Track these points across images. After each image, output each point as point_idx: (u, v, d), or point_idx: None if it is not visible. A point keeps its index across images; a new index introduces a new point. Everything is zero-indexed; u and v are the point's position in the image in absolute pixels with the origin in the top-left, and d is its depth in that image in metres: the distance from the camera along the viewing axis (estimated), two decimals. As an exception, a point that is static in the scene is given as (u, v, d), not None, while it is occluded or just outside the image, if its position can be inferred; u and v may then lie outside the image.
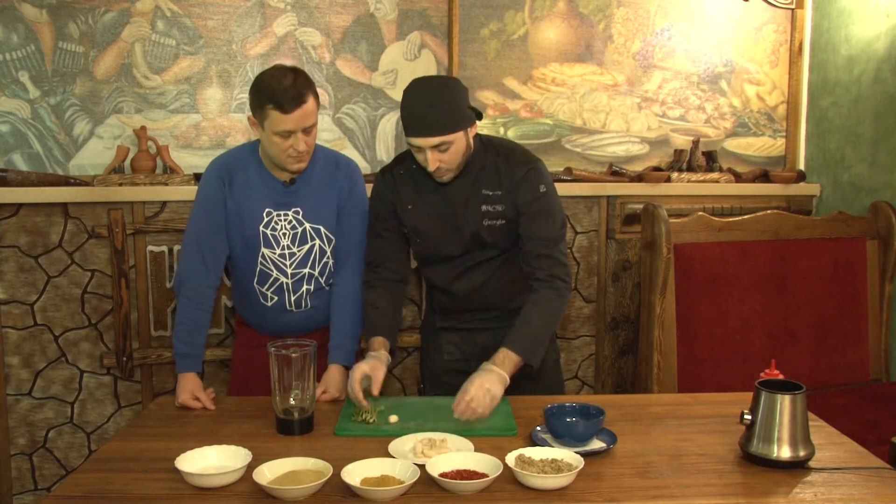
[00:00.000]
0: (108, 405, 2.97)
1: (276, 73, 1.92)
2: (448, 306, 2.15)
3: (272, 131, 1.93)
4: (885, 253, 3.04)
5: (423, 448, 1.61)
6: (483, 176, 2.00)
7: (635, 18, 3.40)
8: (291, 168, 2.01)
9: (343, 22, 3.15)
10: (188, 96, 3.06)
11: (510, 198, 1.98)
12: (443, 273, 2.09)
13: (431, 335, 2.24)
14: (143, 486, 1.51)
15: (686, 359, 2.84)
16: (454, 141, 1.87)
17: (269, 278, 2.11)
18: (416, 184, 2.04)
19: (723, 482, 1.52)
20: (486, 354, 2.08)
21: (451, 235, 2.03)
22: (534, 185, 1.98)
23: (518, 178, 1.97)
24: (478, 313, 2.13)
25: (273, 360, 1.77)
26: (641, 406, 1.98)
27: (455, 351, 2.17)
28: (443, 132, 1.84)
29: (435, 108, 1.84)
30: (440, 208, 2.02)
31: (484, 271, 2.07)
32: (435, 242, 2.05)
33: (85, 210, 2.86)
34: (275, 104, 1.88)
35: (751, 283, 2.89)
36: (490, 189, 1.99)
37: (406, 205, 2.05)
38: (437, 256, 2.07)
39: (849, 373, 3.00)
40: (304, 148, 1.96)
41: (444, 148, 1.87)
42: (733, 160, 3.52)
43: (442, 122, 1.84)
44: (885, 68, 3.00)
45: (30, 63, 2.91)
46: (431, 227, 2.03)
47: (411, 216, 2.05)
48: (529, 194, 1.97)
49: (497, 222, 2.00)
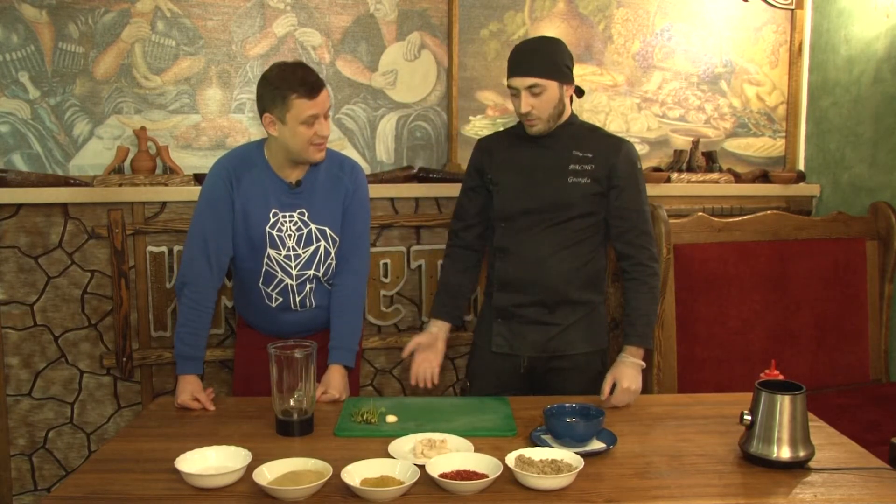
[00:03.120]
0: (107, 406, 2.97)
1: (287, 67, 1.97)
2: (509, 275, 2.14)
3: (298, 121, 1.94)
4: (885, 253, 3.04)
5: (423, 448, 1.62)
6: (574, 141, 2.10)
7: (635, 19, 3.40)
8: (315, 158, 2.03)
9: (343, 22, 3.15)
10: (188, 97, 3.06)
11: (602, 162, 2.08)
12: (515, 231, 2.12)
13: (485, 327, 2.24)
14: (142, 486, 1.51)
15: (686, 359, 2.84)
16: (547, 88, 2.01)
17: (274, 279, 2.11)
18: (510, 142, 2.18)
19: (723, 482, 1.52)
20: (536, 352, 2.15)
21: (531, 188, 2.09)
22: (631, 157, 2.11)
23: (614, 147, 2.10)
24: (534, 294, 2.12)
25: (273, 361, 1.77)
26: (641, 406, 1.98)
27: (504, 344, 2.17)
28: (539, 75, 1.99)
29: (537, 54, 2.02)
30: (527, 162, 2.12)
31: (555, 241, 2.10)
32: (516, 194, 2.11)
33: (85, 210, 2.86)
34: (299, 92, 1.92)
35: (751, 284, 2.89)
36: (580, 151, 2.09)
37: (496, 158, 2.16)
38: (516, 210, 2.12)
39: (849, 373, 3.00)
40: (328, 132, 2.01)
41: (537, 91, 2.00)
42: (733, 160, 3.53)
43: (538, 67, 2.00)
44: (884, 68, 3.00)
45: (30, 63, 2.91)
46: (514, 178, 2.12)
47: (497, 167, 2.15)
48: (627, 165, 2.09)
49: (582, 180, 2.07)
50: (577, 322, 2.14)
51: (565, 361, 2.15)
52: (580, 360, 2.15)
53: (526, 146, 2.13)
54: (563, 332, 2.13)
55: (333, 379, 2.05)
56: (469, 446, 1.65)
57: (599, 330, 2.19)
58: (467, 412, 1.90)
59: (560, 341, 2.13)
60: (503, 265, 2.15)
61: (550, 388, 2.16)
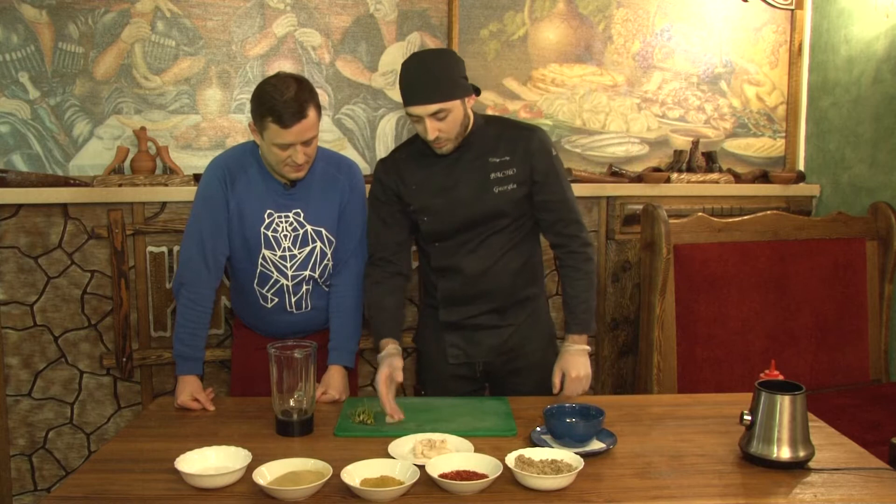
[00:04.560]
0: (107, 406, 2.97)
1: (278, 84, 1.89)
2: (455, 292, 2.10)
3: (271, 142, 1.92)
4: (885, 253, 3.04)
5: (423, 449, 1.61)
6: (486, 147, 2.03)
7: (635, 19, 3.40)
8: (289, 177, 2.01)
9: (343, 23, 3.15)
10: (188, 97, 3.06)
11: (520, 162, 2.01)
12: (453, 250, 2.07)
13: (432, 337, 2.20)
14: (142, 486, 1.51)
15: (686, 359, 2.84)
16: (452, 109, 1.90)
17: (269, 280, 2.11)
18: (419, 163, 2.06)
19: (722, 483, 1.52)
20: (493, 357, 2.12)
21: (460, 208, 2.03)
22: (546, 147, 2.05)
23: (528, 143, 2.02)
24: (484, 303, 2.09)
25: (273, 362, 1.76)
26: (641, 407, 1.98)
27: (460, 354, 2.14)
28: (440, 99, 1.88)
29: (431, 77, 1.89)
30: (446, 182, 2.03)
31: (494, 250, 2.06)
32: (444, 217, 2.04)
33: (85, 211, 2.86)
34: (274, 117, 1.87)
35: (750, 284, 2.89)
36: (497, 157, 2.02)
37: (410, 185, 2.06)
38: (448, 231, 2.06)
39: (849, 373, 3.00)
40: (303, 160, 1.95)
41: (441, 116, 1.90)
42: (733, 161, 3.53)
43: (439, 90, 1.88)
44: (884, 69, 3.00)
45: (29, 64, 2.91)
46: (438, 202, 2.04)
47: (417, 195, 2.06)
48: (544, 158, 2.03)
49: (508, 187, 2.02)
50: (527, 318, 2.15)
51: (520, 361, 2.15)
52: (536, 355, 2.16)
53: (438, 165, 2.03)
54: (516, 331, 2.13)
55: (333, 379, 2.05)
56: (469, 446, 1.65)
57: (546, 319, 2.22)
58: (467, 412, 1.90)
59: (515, 340, 2.13)
60: (447, 284, 2.10)
61: (508, 387, 2.16)
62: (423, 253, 2.16)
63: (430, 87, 1.88)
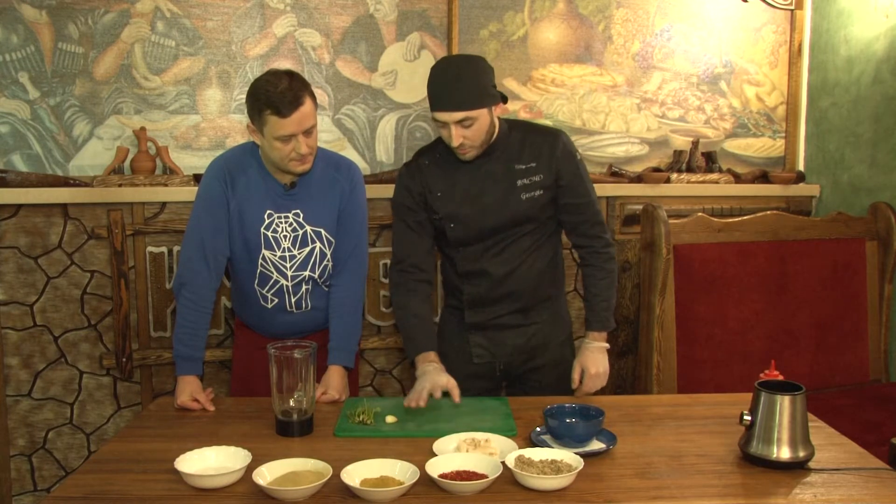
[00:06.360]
0: (107, 406, 2.97)
1: (271, 78, 1.91)
2: (480, 294, 2.11)
3: (273, 137, 1.92)
4: (885, 253, 3.04)
5: (468, 448, 1.61)
6: (511, 153, 2.04)
7: (635, 19, 3.40)
8: (296, 171, 2.01)
9: (343, 23, 3.15)
10: (188, 97, 3.06)
11: (546, 167, 2.03)
12: (478, 254, 2.08)
13: (456, 337, 2.19)
14: (142, 487, 1.51)
15: (685, 360, 2.84)
16: (478, 117, 1.91)
17: (269, 280, 2.11)
18: (444, 170, 2.06)
19: (722, 483, 1.52)
20: (516, 356, 2.14)
21: (487, 215, 2.04)
22: (570, 151, 2.07)
23: (554, 148, 2.04)
24: (509, 303, 2.10)
25: (273, 362, 1.77)
26: (641, 407, 1.98)
27: (484, 353, 2.15)
28: (467, 107, 1.88)
29: (461, 84, 1.88)
30: (472, 190, 2.04)
31: (519, 252, 2.08)
32: (471, 224, 2.05)
33: (84, 211, 2.86)
34: (272, 109, 1.88)
35: (750, 284, 2.89)
36: (522, 163, 2.03)
37: (436, 192, 2.06)
38: (474, 237, 2.07)
39: (849, 373, 3.00)
40: (307, 150, 1.96)
41: (468, 123, 1.90)
42: (733, 161, 3.53)
43: (467, 98, 1.88)
44: (884, 69, 3.00)
45: (29, 64, 2.91)
46: (466, 210, 2.04)
47: (443, 202, 2.06)
48: (569, 162, 2.05)
49: (535, 193, 2.03)
50: (550, 316, 2.17)
51: (540, 359, 2.16)
52: (556, 352, 2.17)
53: (463, 171, 2.04)
54: (539, 330, 2.15)
55: (333, 379, 2.05)
56: (512, 445, 1.65)
57: (566, 316, 2.24)
58: (467, 412, 1.90)
59: (538, 338, 2.15)
60: (473, 288, 2.11)
61: (528, 385, 2.18)
62: (447, 258, 2.16)
63: (459, 94, 1.88)
